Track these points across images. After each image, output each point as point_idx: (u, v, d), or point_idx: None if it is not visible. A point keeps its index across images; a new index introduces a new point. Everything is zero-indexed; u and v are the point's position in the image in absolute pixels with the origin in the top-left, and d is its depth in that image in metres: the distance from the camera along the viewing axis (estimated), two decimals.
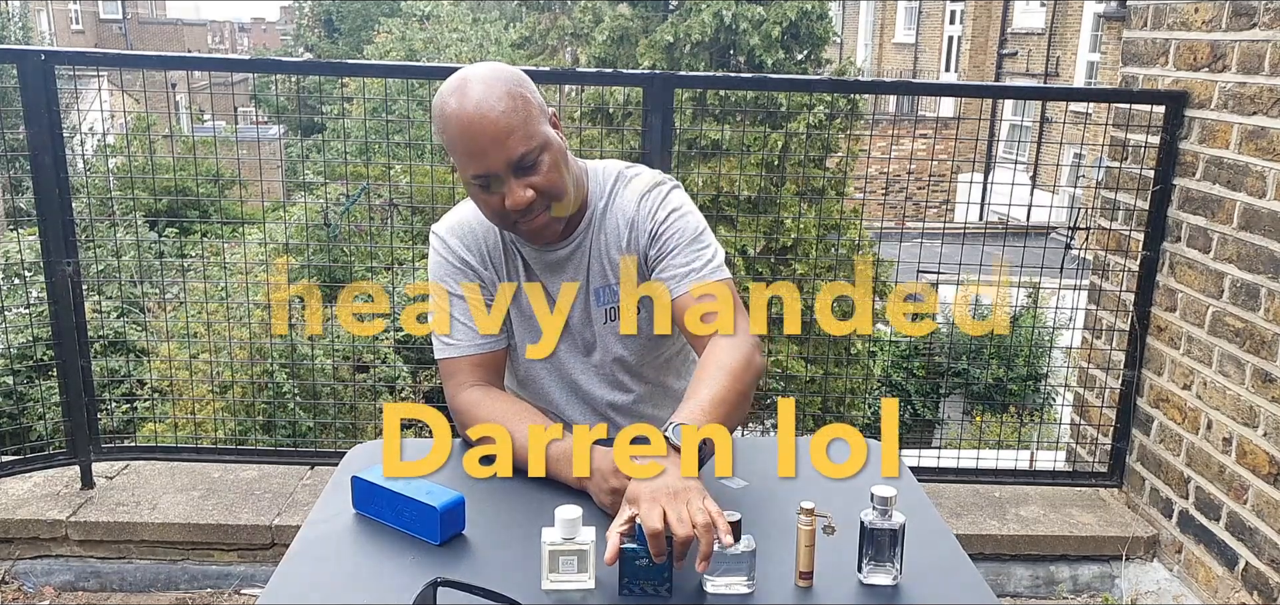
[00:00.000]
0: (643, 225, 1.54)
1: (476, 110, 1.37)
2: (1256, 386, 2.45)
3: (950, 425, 9.51)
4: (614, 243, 1.56)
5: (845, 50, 24.22)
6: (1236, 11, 2.50)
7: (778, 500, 1.39)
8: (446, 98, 1.40)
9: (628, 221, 1.55)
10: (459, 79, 1.41)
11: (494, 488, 1.41)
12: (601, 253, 1.57)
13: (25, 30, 18.32)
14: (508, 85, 1.40)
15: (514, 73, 1.45)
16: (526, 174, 1.41)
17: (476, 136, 1.37)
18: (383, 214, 6.41)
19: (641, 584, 1.16)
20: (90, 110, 5.85)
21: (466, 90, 1.39)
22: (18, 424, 4.90)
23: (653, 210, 1.54)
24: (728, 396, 1.37)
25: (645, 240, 1.54)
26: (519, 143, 1.38)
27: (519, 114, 1.38)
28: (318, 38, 25.19)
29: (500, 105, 1.37)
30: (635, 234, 1.55)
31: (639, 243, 1.55)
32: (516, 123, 1.38)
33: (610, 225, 1.57)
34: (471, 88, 1.39)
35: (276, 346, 4.60)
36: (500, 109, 1.37)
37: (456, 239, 1.57)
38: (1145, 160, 2.81)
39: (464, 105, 1.38)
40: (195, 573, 2.76)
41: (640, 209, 1.55)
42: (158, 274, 5.98)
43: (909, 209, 10.54)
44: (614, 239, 1.56)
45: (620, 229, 1.56)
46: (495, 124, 1.37)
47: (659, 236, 1.53)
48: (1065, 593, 2.88)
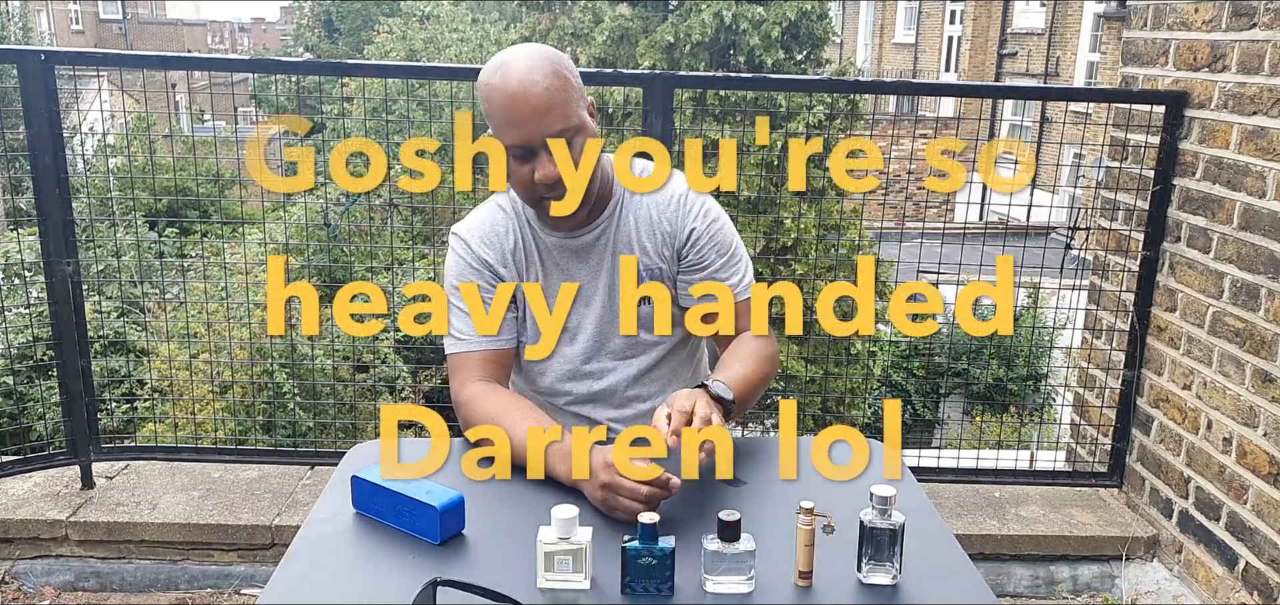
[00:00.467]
0: (684, 222, 1.61)
1: (520, 84, 1.44)
2: (1256, 386, 2.45)
3: (950, 425, 9.52)
4: (646, 232, 1.62)
5: (845, 50, 24.22)
6: (1236, 11, 2.50)
7: (778, 500, 1.39)
8: (493, 70, 1.48)
9: (672, 209, 1.61)
10: (506, 54, 1.49)
11: (494, 488, 1.42)
12: (632, 238, 1.62)
13: (25, 30, 18.31)
14: (552, 64, 1.47)
15: (558, 55, 1.51)
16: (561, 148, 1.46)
17: (518, 108, 1.44)
18: (383, 214, 6.41)
19: (643, 583, 1.16)
20: (90, 110, 5.85)
21: (513, 65, 1.46)
22: (18, 424, 4.90)
23: (696, 212, 1.62)
24: (756, 379, 1.58)
25: (684, 237, 1.61)
26: (557, 120, 1.45)
27: (560, 93, 1.46)
28: (318, 38, 25.18)
29: (544, 82, 1.44)
30: (676, 226, 1.61)
31: (677, 232, 1.61)
32: (557, 101, 1.45)
33: (643, 212, 1.62)
34: (517, 63, 1.46)
35: (276, 346, 4.60)
36: (543, 85, 1.44)
37: (477, 238, 1.62)
38: (1145, 160, 2.81)
39: (508, 79, 1.45)
40: (195, 573, 2.76)
41: (686, 199, 1.62)
42: (158, 274, 5.99)
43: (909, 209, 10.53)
44: (647, 229, 1.62)
45: (657, 217, 1.62)
46: (538, 99, 1.44)
47: (700, 240, 1.62)
48: (1065, 593, 2.88)
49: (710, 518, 1.19)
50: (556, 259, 1.62)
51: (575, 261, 1.62)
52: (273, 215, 5.38)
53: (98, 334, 5.20)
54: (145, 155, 7.58)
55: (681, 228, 1.62)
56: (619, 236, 1.62)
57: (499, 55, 1.49)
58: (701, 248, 1.62)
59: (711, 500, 1.37)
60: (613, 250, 1.62)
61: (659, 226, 1.62)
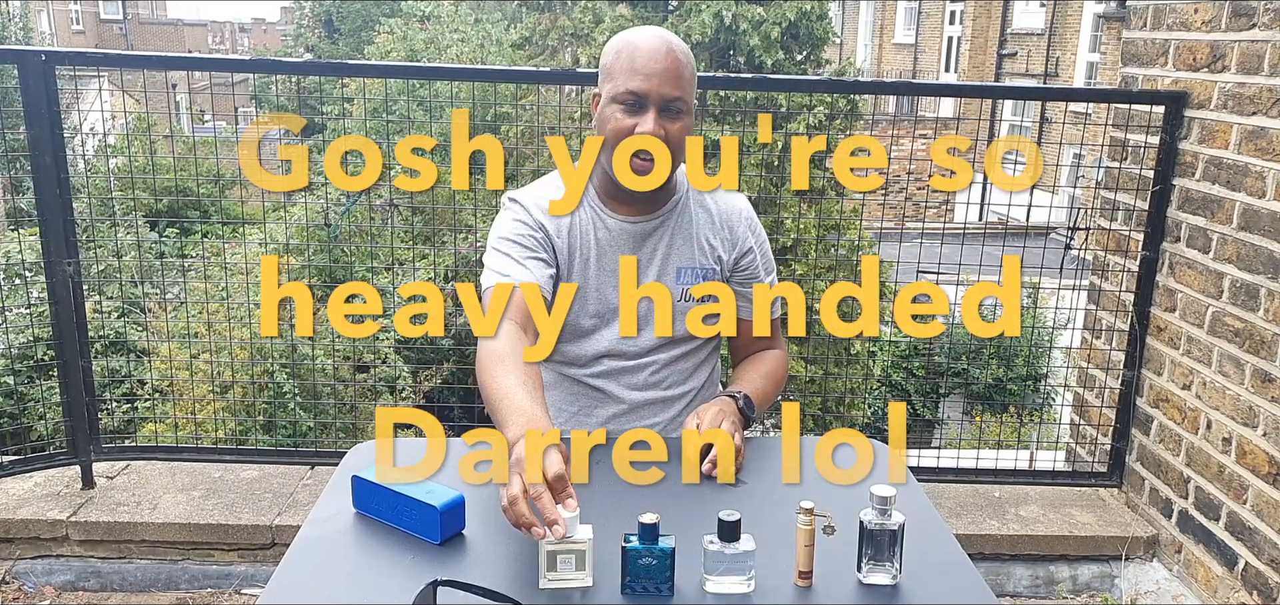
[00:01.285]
0: (746, 233, 1.72)
1: (660, 43, 1.55)
2: (1256, 386, 2.45)
3: (950, 425, 9.52)
4: (710, 229, 1.69)
5: (845, 50, 24.22)
6: (1236, 12, 2.50)
7: (777, 500, 1.39)
8: (632, 32, 1.59)
9: (735, 220, 1.71)
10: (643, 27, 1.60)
11: (494, 488, 1.42)
12: (693, 234, 1.68)
13: (26, 31, 18.32)
14: (685, 48, 1.59)
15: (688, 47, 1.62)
16: (668, 117, 1.55)
17: (650, 59, 1.54)
18: (383, 214, 6.41)
19: (643, 583, 1.16)
20: (91, 110, 5.85)
21: (652, 31, 1.58)
22: (18, 424, 4.90)
23: (757, 228, 1.75)
24: (771, 397, 1.71)
25: (742, 247, 1.71)
26: (677, 86, 1.54)
27: (687, 70, 1.57)
28: (318, 38, 25.19)
29: (677, 54, 1.56)
30: (737, 236, 1.71)
31: (738, 243, 1.71)
32: (686, 74, 1.56)
33: (713, 212, 1.70)
34: (655, 31, 1.58)
35: (277, 346, 4.60)
36: (677, 53, 1.56)
37: (534, 203, 1.66)
38: (1145, 160, 2.81)
39: (648, 36, 1.56)
40: (196, 572, 2.76)
41: (748, 217, 1.73)
42: (158, 274, 5.99)
43: (909, 209, 10.54)
44: (710, 226, 1.69)
45: (719, 220, 1.70)
46: (671, 59, 1.55)
47: (753, 252, 1.73)
48: (1065, 593, 2.88)
49: (710, 518, 1.19)
50: (615, 241, 1.66)
51: (632, 244, 1.66)
52: (273, 215, 5.39)
53: (98, 334, 5.20)
54: (146, 155, 7.59)
55: (743, 240, 1.71)
56: (679, 229, 1.67)
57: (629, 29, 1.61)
58: (756, 263, 1.74)
59: (711, 500, 1.37)
60: (670, 242, 1.67)
61: (721, 231, 1.70)
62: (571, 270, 1.66)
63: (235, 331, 4.19)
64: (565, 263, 1.65)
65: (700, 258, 1.68)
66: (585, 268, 1.66)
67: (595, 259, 1.66)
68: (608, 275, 1.66)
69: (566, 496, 1.17)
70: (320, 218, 5.63)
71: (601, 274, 1.66)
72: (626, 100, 1.54)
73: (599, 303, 1.67)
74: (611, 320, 1.68)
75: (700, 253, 1.68)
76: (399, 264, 5.73)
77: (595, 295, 1.67)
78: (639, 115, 1.54)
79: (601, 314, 1.68)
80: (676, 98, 1.54)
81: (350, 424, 4.77)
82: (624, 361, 1.69)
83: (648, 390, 1.71)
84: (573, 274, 1.66)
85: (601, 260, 1.66)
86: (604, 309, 1.67)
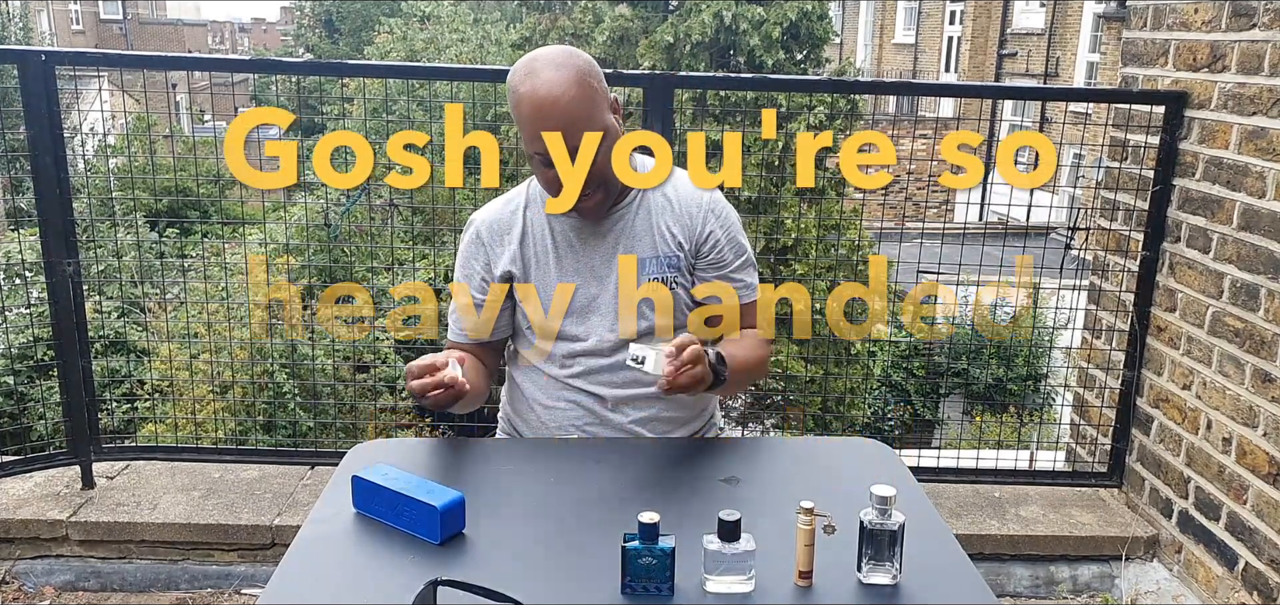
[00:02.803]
0: (707, 219, 1.66)
1: (547, 93, 1.48)
2: (1256, 386, 2.45)
3: (950, 425, 9.52)
4: (669, 216, 1.66)
5: (845, 50, 24.22)
6: (1236, 12, 2.50)
7: (778, 500, 1.39)
8: (520, 77, 1.52)
9: (695, 208, 1.66)
10: (534, 60, 1.52)
11: (494, 488, 1.42)
12: (654, 225, 1.66)
13: (26, 30, 18.32)
14: (579, 73, 1.51)
15: (584, 61, 1.54)
16: None
17: (544, 115, 1.48)
18: (383, 214, 6.41)
19: (643, 583, 1.16)
20: (91, 110, 5.85)
21: (540, 74, 1.49)
22: (18, 424, 4.90)
23: (721, 214, 1.68)
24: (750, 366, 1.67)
25: (702, 233, 1.66)
26: (585, 122, 1.50)
27: (586, 104, 1.50)
28: (318, 38, 25.20)
29: (571, 92, 1.49)
30: (695, 222, 1.66)
31: (697, 229, 1.66)
32: (580, 114, 1.49)
33: (674, 200, 1.67)
34: (544, 71, 1.49)
35: (277, 347, 4.60)
36: (570, 95, 1.48)
37: (486, 228, 1.68)
38: (1145, 160, 2.81)
39: (536, 87, 1.49)
40: (196, 573, 2.76)
41: (710, 203, 1.67)
42: (158, 274, 5.99)
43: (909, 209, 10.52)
44: (670, 214, 1.66)
45: (679, 208, 1.66)
46: (563, 109, 1.48)
47: (720, 242, 1.67)
48: (1065, 593, 2.88)
49: (710, 518, 1.19)
50: (572, 241, 1.66)
51: (593, 242, 1.66)
52: (273, 215, 5.39)
53: (98, 334, 5.21)
54: (146, 155, 7.59)
55: (703, 227, 1.67)
56: (638, 225, 1.66)
57: (527, 59, 1.53)
58: (721, 249, 1.68)
59: (711, 500, 1.37)
60: (629, 238, 1.66)
61: (681, 218, 1.66)
62: (529, 274, 1.68)
63: (235, 331, 4.19)
64: (521, 272, 1.67)
65: (661, 247, 1.66)
66: (545, 272, 1.67)
67: (554, 262, 1.66)
68: (568, 275, 1.66)
69: None
70: (320, 218, 5.63)
71: (562, 275, 1.66)
72: (542, 159, 1.52)
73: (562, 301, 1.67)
74: (582, 319, 1.68)
75: (661, 241, 1.66)
76: (399, 264, 5.73)
77: (558, 295, 1.67)
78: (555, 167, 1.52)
79: (570, 312, 1.68)
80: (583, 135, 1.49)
81: (350, 424, 4.77)
82: (601, 360, 1.68)
83: (629, 388, 1.69)
84: (532, 277, 1.67)
85: (561, 263, 1.66)
86: (572, 308, 1.67)
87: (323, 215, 5.61)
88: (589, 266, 1.66)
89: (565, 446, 1.64)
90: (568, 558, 1.25)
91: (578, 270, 1.67)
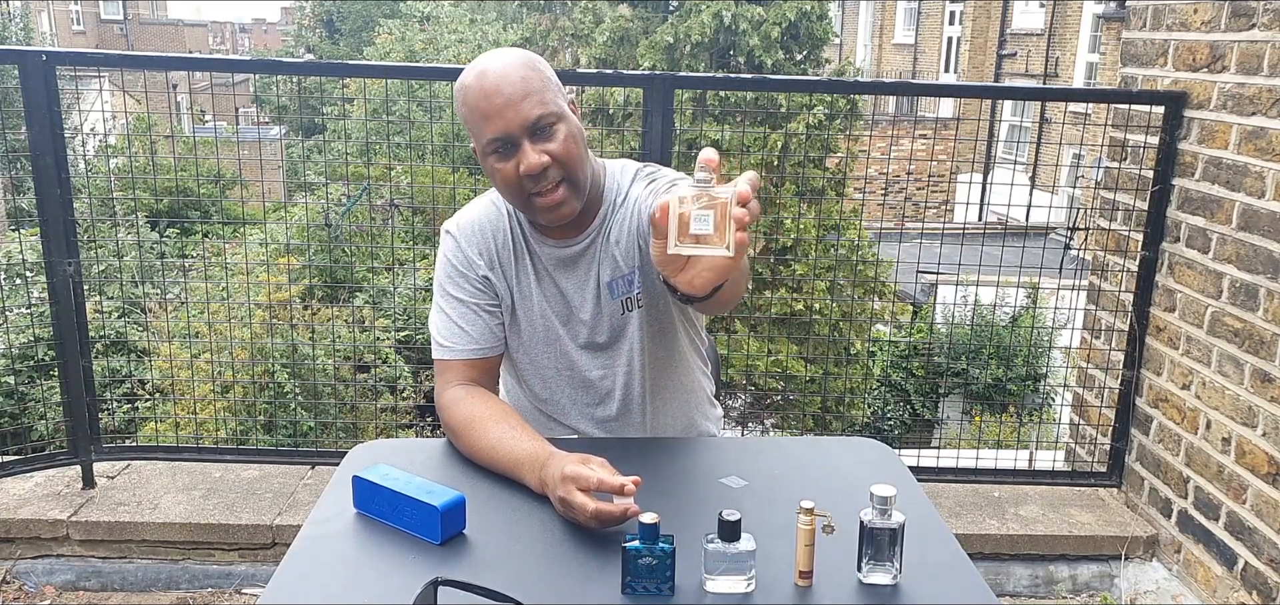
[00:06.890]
0: (640, 192, 1.56)
1: (495, 77, 1.43)
2: (1255, 386, 2.46)
3: (950, 425, 9.52)
4: (625, 218, 1.56)
5: (845, 50, 24.22)
6: (1235, 12, 2.50)
7: (778, 500, 1.39)
8: (468, 74, 1.47)
9: (633, 204, 1.56)
10: (479, 58, 1.48)
11: (494, 488, 1.42)
12: (614, 238, 1.57)
13: (26, 31, 18.31)
14: (525, 59, 1.46)
15: (531, 54, 1.50)
16: (542, 139, 1.44)
17: (492, 98, 1.42)
18: (383, 214, 6.41)
19: (643, 583, 1.17)
20: (91, 111, 5.85)
21: (486, 64, 1.46)
22: (19, 424, 4.91)
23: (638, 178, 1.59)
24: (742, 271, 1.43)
25: (637, 226, 1.55)
26: (535, 105, 1.42)
27: (535, 82, 1.44)
28: (319, 39, 25.22)
29: (518, 73, 1.43)
30: (630, 202, 1.56)
31: (633, 226, 1.55)
32: (533, 87, 1.43)
33: (620, 217, 1.57)
34: (491, 62, 1.46)
35: (277, 346, 4.60)
36: (518, 75, 1.43)
37: (465, 237, 1.59)
38: (1144, 161, 2.82)
39: (484, 76, 1.44)
40: (196, 572, 2.77)
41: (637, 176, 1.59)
42: (159, 274, 5.99)
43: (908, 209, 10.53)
44: (626, 217, 1.56)
45: (630, 207, 1.57)
46: (513, 86, 1.42)
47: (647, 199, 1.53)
48: (1064, 592, 2.88)
49: (710, 518, 1.19)
50: (547, 268, 1.60)
51: (565, 272, 1.59)
52: (274, 215, 5.39)
53: (99, 334, 5.21)
54: (146, 156, 7.59)
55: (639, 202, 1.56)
56: (607, 246, 1.58)
57: (473, 63, 1.49)
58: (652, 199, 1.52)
59: (712, 500, 1.38)
60: (600, 261, 1.58)
61: (632, 215, 1.56)
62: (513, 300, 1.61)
63: (236, 331, 4.19)
64: (504, 294, 1.60)
65: (623, 261, 1.57)
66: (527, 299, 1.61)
67: (536, 286, 1.60)
68: (551, 302, 1.61)
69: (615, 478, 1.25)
70: (321, 218, 5.63)
71: (544, 301, 1.61)
72: (496, 149, 1.44)
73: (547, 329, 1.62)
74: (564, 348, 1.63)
75: (621, 253, 1.57)
76: (400, 264, 5.73)
77: (543, 325, 1.62)
78: (514, 154, 1.44)
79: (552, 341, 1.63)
80: (540, 116, 1.42)
81: (351, 424, 4.77)
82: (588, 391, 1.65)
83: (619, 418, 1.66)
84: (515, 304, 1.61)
85: (541, 286, 1.60)
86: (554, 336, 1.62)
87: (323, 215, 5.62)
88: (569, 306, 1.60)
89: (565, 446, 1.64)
90: (568, 558, 1.26)
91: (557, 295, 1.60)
